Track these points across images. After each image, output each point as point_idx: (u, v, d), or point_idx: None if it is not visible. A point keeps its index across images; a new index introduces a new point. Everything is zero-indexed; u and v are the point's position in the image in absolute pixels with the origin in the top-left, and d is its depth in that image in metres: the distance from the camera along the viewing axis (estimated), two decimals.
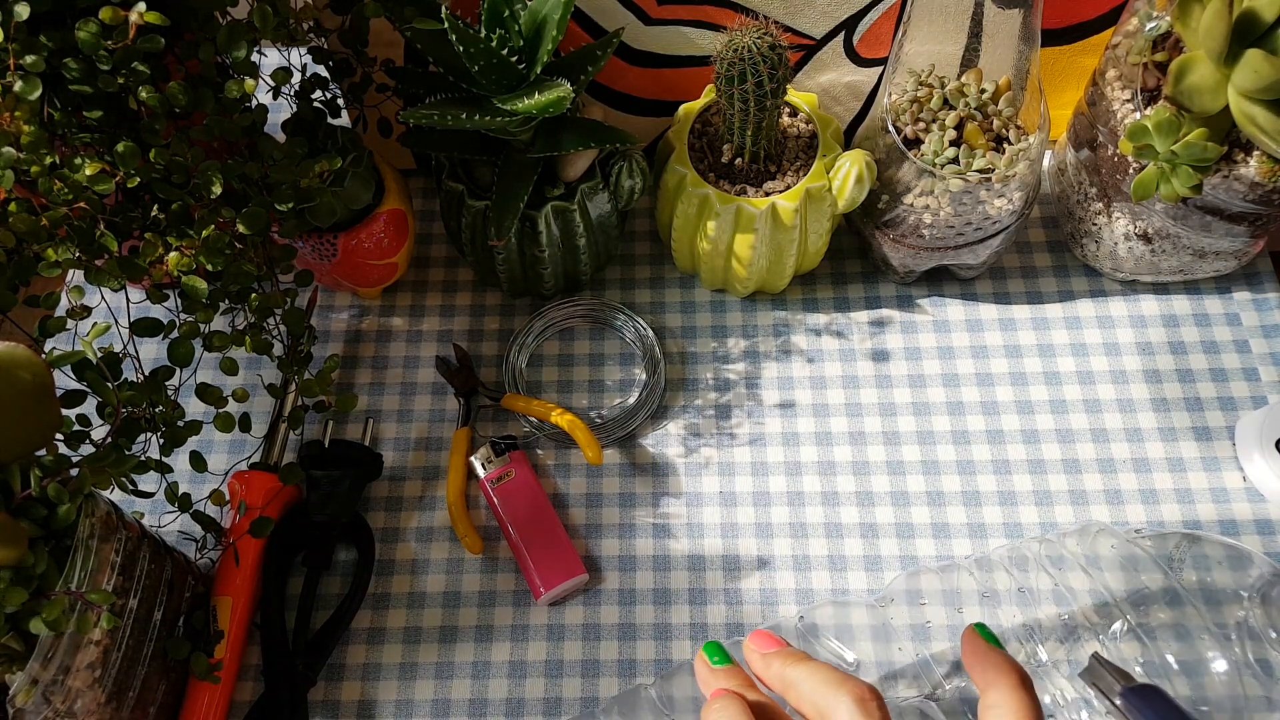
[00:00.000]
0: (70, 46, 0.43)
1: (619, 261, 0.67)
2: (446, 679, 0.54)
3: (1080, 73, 0.64)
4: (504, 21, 0.51)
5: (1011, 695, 0.36)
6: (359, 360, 0.64)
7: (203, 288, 0.46)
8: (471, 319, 0.65)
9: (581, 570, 0.55)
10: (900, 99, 0.57)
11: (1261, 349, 0.62)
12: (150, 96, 0.44)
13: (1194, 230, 0.58)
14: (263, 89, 0.50)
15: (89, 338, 0.45)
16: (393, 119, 0.58)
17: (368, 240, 0.58)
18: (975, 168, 0.55)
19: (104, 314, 0.49)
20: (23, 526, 0.40)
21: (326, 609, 0.56)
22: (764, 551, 0.57)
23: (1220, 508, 0.57)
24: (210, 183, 0.45)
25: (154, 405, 0.45)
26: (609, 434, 0.60)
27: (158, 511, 0.54)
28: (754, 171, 0.58)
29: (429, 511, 0.59)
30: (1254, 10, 0.48)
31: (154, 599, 0.48)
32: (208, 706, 0.52)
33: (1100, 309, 0.64)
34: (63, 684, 0.43)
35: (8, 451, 0.40)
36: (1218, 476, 0.58)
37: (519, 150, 0.55)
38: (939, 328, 0.64)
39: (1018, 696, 0.36)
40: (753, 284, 0.62)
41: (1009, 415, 0.61)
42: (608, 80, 0.63)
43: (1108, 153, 0.59)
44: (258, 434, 0.59)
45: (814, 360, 0.63)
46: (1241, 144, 0.53)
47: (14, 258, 0.42)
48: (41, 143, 0.42)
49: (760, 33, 0.51)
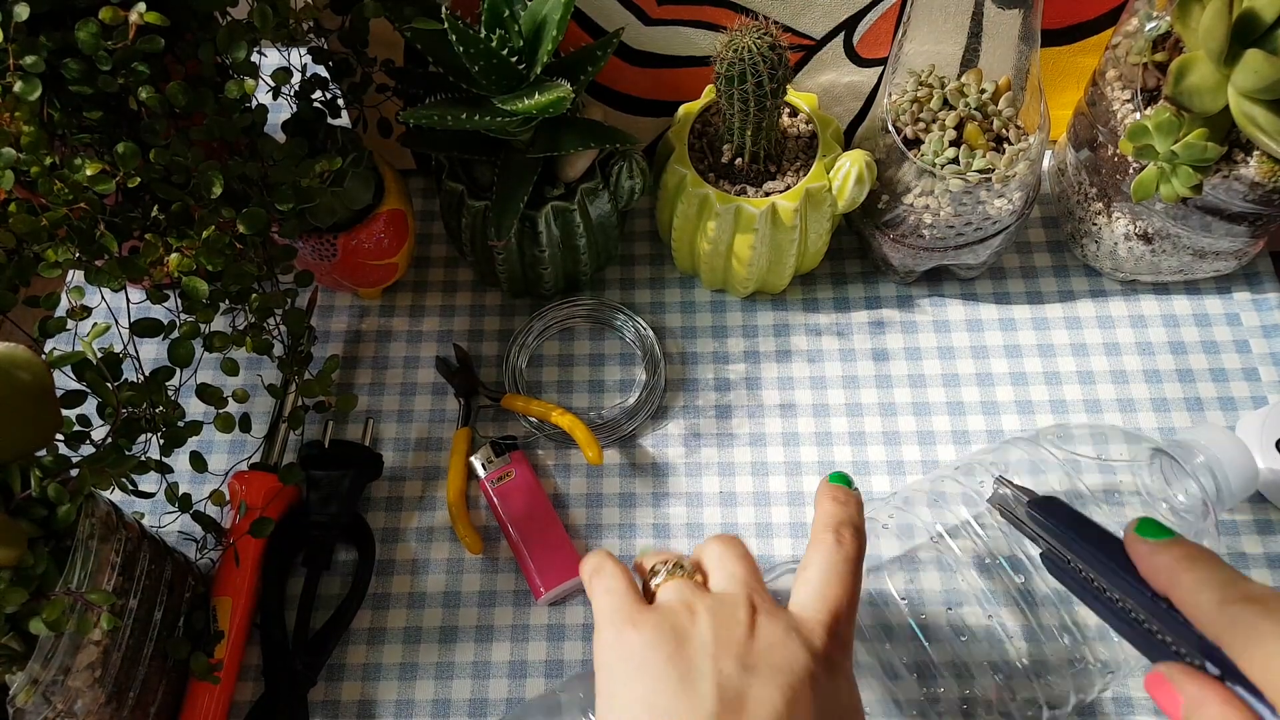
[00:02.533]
0: (70, 47, 0.43)
1: (619, 261, 0.67)
2: (446, 679, 0.54)
3: (1080, 73, 0.64)
4: (504, 21, 0.51)
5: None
6: (359, 360, 0.64)
7: (203, 288, 0.46)
8: (471, 319, 0.65)
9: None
10: (900, 99, 0.57)
11: (1261, 349, 0.62)
12: (150, 97, 0.44)
13: (1194, 230, 0.58)
14: (263, 89, 0.50)
15: (89, 338, 0.45)
16: (393, 119, 0.58)
17: (368, 240, 0.58)
18: (975, 168, 0.55)
19: (104, 314, 0.49)
20: (23, 526, 0.40)
21: (326, 609, 0.56)
22: (764, 551, 0.57)
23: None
24: (210, 183, 0.45)
25: (154, 405, 0.45)
26: (609, 434, 0.60)
27: (158, 511, 0.54)
28: (754, 171, 0.58)
29: (429, 511, 0.59)
30: (1254, 10, 0.48)
31: (154, 599, 0.48)
32: (208, 706, 0.52)
33: (1100, 309, 0.64)
34: (63, 684, 0.43)
35: (8, 451, 0.40)
36: None
37: (519, 150, 0.55)
38: (939, 328, 0.64)
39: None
40: (753, 284, 0.62)
41: (1009, 415, 0.61)
42: (608, 80, 0.63)
43: (1108, 153, 0.59)
44: (258, 434, 0.59)
45: (814, 360, 0.63)
46: (1241, 144, 0.53)
47: (14, 258, 0.42)
48: (41, 143, 0.42)
49: (760, 33, 0.51)
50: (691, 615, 0.38)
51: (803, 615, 0.38)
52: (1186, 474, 0.48)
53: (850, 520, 0.41)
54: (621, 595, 0.40)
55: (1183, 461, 0.49)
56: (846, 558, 0.40)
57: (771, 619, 0.38)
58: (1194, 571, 0.33)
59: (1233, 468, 0.49)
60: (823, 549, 0.40)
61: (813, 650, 0.37)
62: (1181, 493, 0.48)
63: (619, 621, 0.39)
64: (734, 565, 0.40)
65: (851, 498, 0.42)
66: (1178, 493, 0.48)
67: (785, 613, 0.38)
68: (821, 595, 0.39)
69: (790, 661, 0.36)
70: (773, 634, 0.37)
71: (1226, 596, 0.32)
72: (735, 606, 0.38)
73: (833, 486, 0.43)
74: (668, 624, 0.38)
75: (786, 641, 0.37)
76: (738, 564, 0.40)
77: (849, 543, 0.40)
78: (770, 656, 0.36)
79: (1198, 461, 0.49)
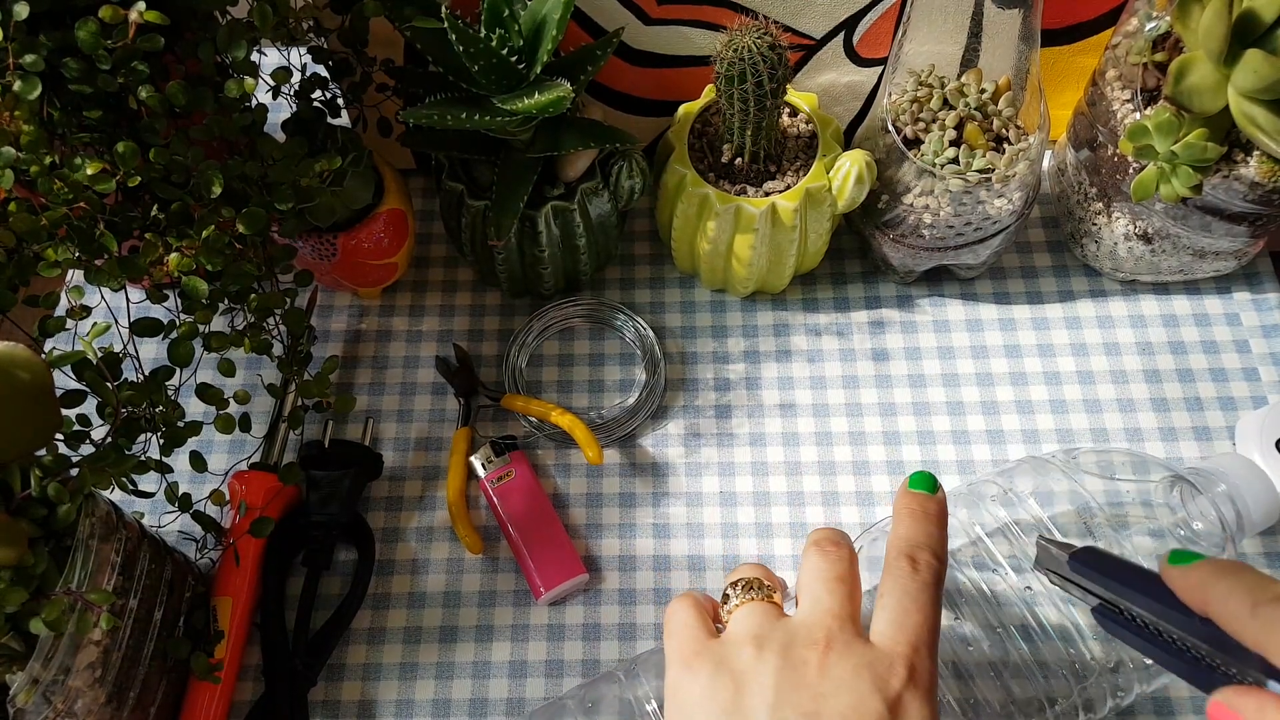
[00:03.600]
0: (70, 46, 0.43)
1: (619, 261, 0.67)
2: (446, 679, 0.54)
3: (1080, 73, 0.64)
4: (504, 21, 0.51)
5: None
6: (359, 360, 0.64)
7: (203, 288, 0.46)
8: (471, 319, 0.65)
9: (581, 570, 0.55)
10: (900, 99, 0.57)
11: (1261, 349, 0.62)
12: (150, 96, 0.44)
13: (1194, 230, 0.58)
14: (262, 89, 0.50)
15: (89, 338, 0.45)
16: (393, 119, 0.58)
17: (367, 240, 0.58)
18: (975, 168, 0.55)
19: (104, 314, 0.49)
20: (23, 526, 0.40)
21: (326, 609, 0.56)
22: (764, 551, 0.57)
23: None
24: (210, 182, 0.45)
25: (154, 405, 0.45)
26: (609, 434, 0.60)
27: (158, 511, 0.54)
28: (754, 171, 0.58)
29: (429, 511, 0.59)
30: (1254, 10, 0.48)
31: (154, 599, 0.48)
32: (208, 706, 0.51)
33: (1100, 309, 0.64)
34: (63, 684, 0.43)
35: (8, 451, 0.40)
36: None
37: (519, 150, 0.55)
38: (939, 328, 0.64)
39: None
40: (753, 284, 0.62)
41: (1009, 415, 0.61)
42: (608, 80, 0.63)
43: (1108, 153, 0.59)
44: (258, 434, 0.59)
45: (814, 360, 0.63)
46: (1241, 144, 0.53)
47: (14, 257, 0.42)
48: (41, 142, 0.42)
49: (760, 33, 0.51)
50: (758, 654, 0.36)
51: (880, 646, 0.36)
52: (1207, 502, 0.47)
53: (927, 542, 0.38)
54: (685, 631, 0.38)
55: (1204, 490, 0.47)
56: (924, 584, 0.37)
57: (844, 656, 0.35)
58: (1223, 581, 0.32)
59: (1254, 497, 0.48)
60: (898, 577, 0.37)
61: (885, 692, 0.34)
62: (1200, 520, 0.46)
63: (677, 663, 0.37)
64: (821, 590, 0.37)
65: (930, 513, 0.39)
66: (1195, 520, 0.47)
67: (862, 646, 0.36)
68: (899, 625, 0.36)
69: (858, 705, 0.34)
70: (842, 673, 0.35)
71: (1258, 599, 0.31)
72: (808, 643, 0.36)
73: (911, 495, 0.40)
74: (727, 669, 0.36)
75: (856, 683, 0.34)
76: (825, 589, 0.37)
77: (925, 569, 0.37)
78: (835, 700, 0.34)
79: (1219, 490, 0.48)
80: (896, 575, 0.37)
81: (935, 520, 0.39)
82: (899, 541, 0.39)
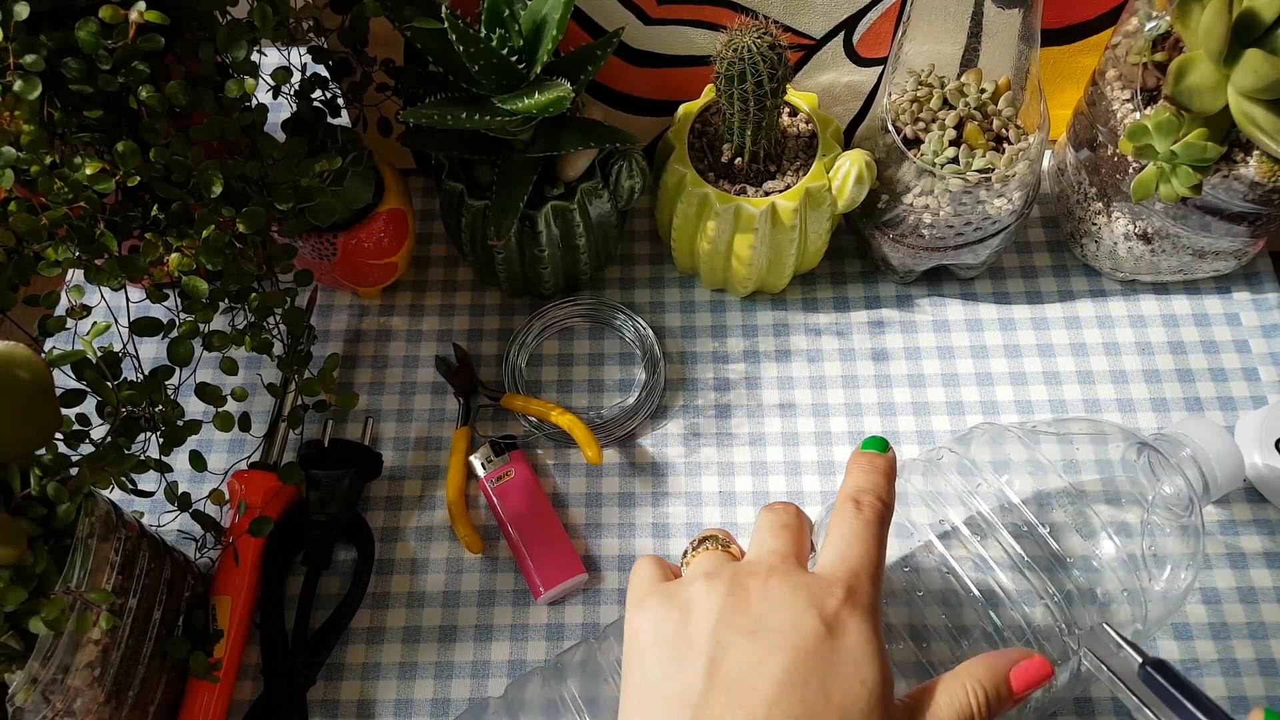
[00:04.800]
0: (70, 46, 0.43)
1: (619, 261, 0.67)
2: (446, 678, 0.54)
3: (1080, 73, 0.64)
4: (504, 21, 0.51)
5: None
6: (359, 360, 0.64)
7: (203, 287, 0.46)
8: (471, 319, 0.65)
9: (581, 570, 0.55)
10: (900, 99, 0.57)
11: (1261, 349, 0.62)
12: (150, 96, 0.44)
13: (1194, 230, 0.58)
14: (263, 88, 0.50)
15: (89, 337, 0.45)
16: (393, 119, 0.58)
17: (367, 240, 0.58)
18: (975, 168, 0.55)
19: (104, 313, 0.49)
20: (22, 526, 0.40)
21: (326, 608, 0.56)
22: None
23: (1219, 508, 0.57)
24: (210, 182, 0.45)
25: (154, 405, 0.45)
26: (609, 434, 0.60)
27: (157, 511, 0.54)
28: (754, 171, 0.58)
29: (429, 511, 0.59)
30: (1254, 10, 0.48)
31: (153, 598, 0.48)
32: (207, 706, 0.52)
33: (1100, 309, 0.64)
34: (62, 683, 0.43)
35: (8, 451, 0.40)
36: None
37: (519, 150, 0.55)
38: (939, 328, 0.64)
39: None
40: (752, 284, 0.62)
41: (1009, 415, 0.61)
42: (608, 80, 0.63)
43: (1108, 153, 0.59)
44: (257, 433, 0.59)
45: (814, 360, 0.63)
46: (1241, 144, 0.53)
47: (14, 256, 0.42)
48: (41, 142, 0.42)
49: (760, 32, 0.51)
50: (708, 586, 0.37)
51: (819, 574, 0.37)
52: (1172, 467, 0.48)
53: (872, 488, 0.40)
54: (641, 577, 0.39)
55: (1168, 455, 0.49)
56: (866, 522, 0.38)
57: (783, 579, 0.36)
58: None
59: (1219, 460, 0.49)
60: (842, 516, 0.39)
61: (822, 609, 0.35)
62: (1168, 485, 0.48)
63: (631, 604, 0.38)
64: (768, 535, 0.39)
65: (877, 466, 0.41)
66: (1165, 485, 0.48)
67: (803, 574, 0.37)
68: (840, 556, 0.37)
69: (794, 620, 0.35)
70: (780, 592, 0.36)
71: None
72: (751, 574, 0.37)
73: (863, 454, 0.41)
74: (676, 601, 0.37)
75: (792, 600, 0.35)
76: (771, 535, 0.39)
77: (869, 509, 0.39)
78: (772, 617, 0.35)
79: (1183, 455, 0.49)
80: (841, 515, 0.39)
81: (883, 472, 0.40)
82: (846, 489, 0.40)
